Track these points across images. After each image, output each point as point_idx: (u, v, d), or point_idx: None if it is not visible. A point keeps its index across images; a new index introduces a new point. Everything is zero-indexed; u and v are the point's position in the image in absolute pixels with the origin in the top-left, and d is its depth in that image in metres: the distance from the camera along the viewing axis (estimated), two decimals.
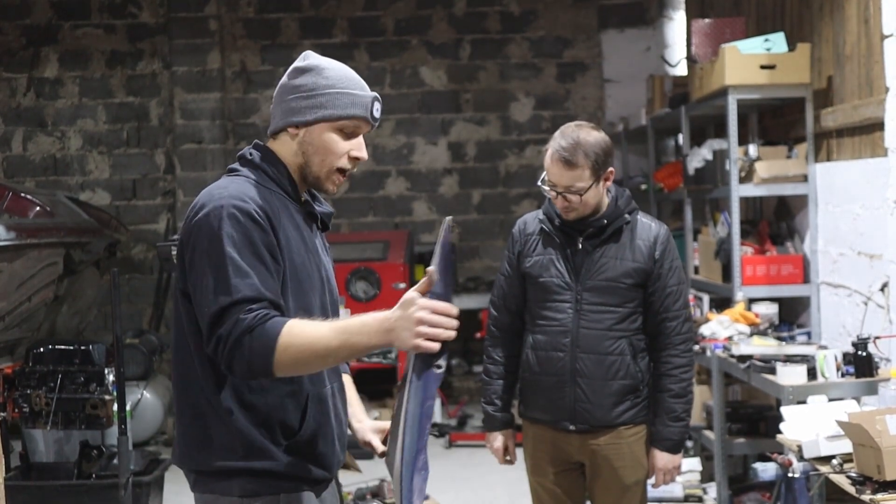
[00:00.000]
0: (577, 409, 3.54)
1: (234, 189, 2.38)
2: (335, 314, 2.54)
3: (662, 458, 3.62)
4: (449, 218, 2.24)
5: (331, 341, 2.21)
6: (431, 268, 2.20)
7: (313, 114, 2.45)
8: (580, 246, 3.56)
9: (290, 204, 2.47)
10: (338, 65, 2.51)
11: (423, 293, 2.19)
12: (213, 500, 2.40)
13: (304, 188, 2.54)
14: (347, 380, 2.75)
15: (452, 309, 2.18)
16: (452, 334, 2.19)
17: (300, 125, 2.46)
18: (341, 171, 2.49)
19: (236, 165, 2.52)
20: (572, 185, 3.44)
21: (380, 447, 2.61)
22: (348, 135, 2.48)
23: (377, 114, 2.49)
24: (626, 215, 3.58)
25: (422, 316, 2.15)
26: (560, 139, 3.46)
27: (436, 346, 2.18)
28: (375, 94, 2.50)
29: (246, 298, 2.26)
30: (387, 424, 2.60)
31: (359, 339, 2.21)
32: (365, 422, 2.69)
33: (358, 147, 2.49)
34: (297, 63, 2.52)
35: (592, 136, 3.47)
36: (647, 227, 3.60)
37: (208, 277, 2.30)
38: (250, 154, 2.51)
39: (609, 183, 3.55)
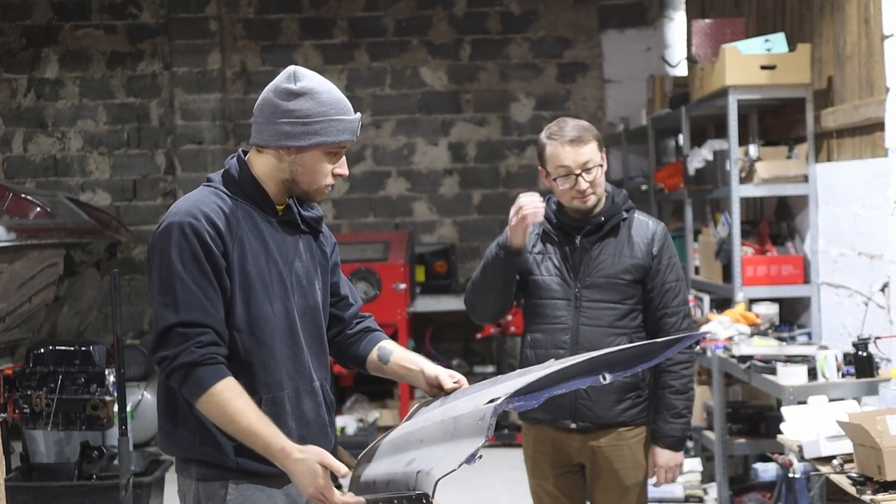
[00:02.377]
0: (579, 406, 3.54)
1: (192, 204, 2.57)
2: (312, 318, 2.70)
3: (664, 456, 3.62)
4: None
5: (242, 428, 2.46)
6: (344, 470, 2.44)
7: (308, 140, 2.58)
8: (578, 243, 3.57)
9: (257, 215, 2.62)
10: (327, 86, 2.63)
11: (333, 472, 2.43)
12: (181, 480, 2.66)
13: (284, 194, 2.68)
14: (389, 343, 2.88)
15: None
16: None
17: (292, 149, 2.59)
18: (327, 185, 2.67)
19: (214, 175, 2.68)
20: (588, 161, 3.47)
21: (448, 384, 2.71)
22: (334, 154, 2.63)
23: (359, 132, 2.67)
24: (624, 212, 3.60)
25: (317, 495, 2.44)
26: (557, 129, 3.51)
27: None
28: (360, 114, 2.66)
29: (192, 322, 2.48)
30: (457, 376, 2.75)
31: (262, 449, 2.47)
32: (436, 366, 2.80)
33: (341, 165, 2.66)
34: (288, 84, 2.60)
35: (579, 120, 3.57)
36: (645, 224, 3.61)
37: (158, 291, 2.51)
38: (228, 165, 2.68)
39: (604, 166, 3.57)
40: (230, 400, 2.45)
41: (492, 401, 2.40)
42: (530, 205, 3.39)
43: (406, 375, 2.81)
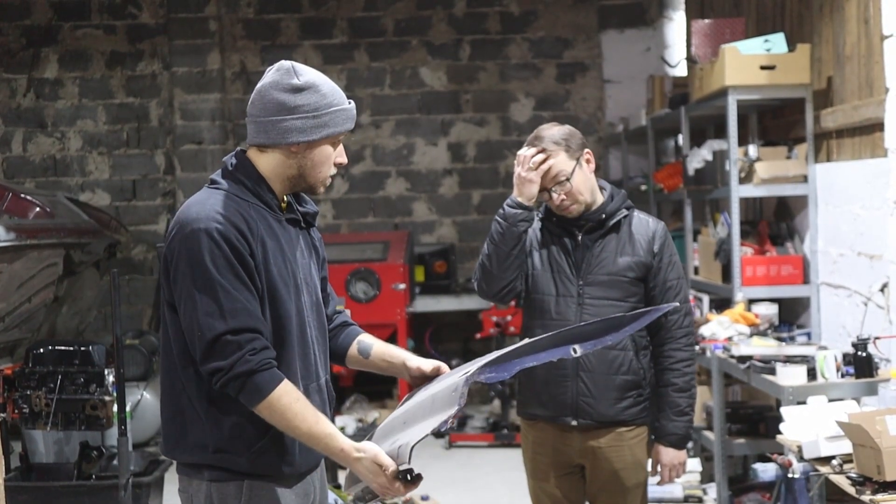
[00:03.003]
0: (580, 403, 3.53)
1: (211, 208, 2.52)
2: (318, 314, 2.71)
3: (668, 454, 3.63)
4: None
5: (302, 432, 2.49)
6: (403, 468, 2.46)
7: (318, 133, 2.59)
8: (580, 240, 3.57)
9: (267, 213, 2.61)
10: (324, 77, 2.65)
11: (392, 475, 2.45)
12: (187, 482, 2.63)
13: (288, 191, 2.68)
14: (367, 337, 2.91)
15: (405, 494, 2.51)
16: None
17: (302, 143, 2.59)
18: (331, 175, 2.68)
19: (217, 177, 2.65)
20: (557, 175, 3.50)
21: (429, 370, 2.76)
22: (336, 144, 2.65)
23: None
24: (624, 210, 3.61)
25: (383, 490, 2.50)
26: (524, 149, 3.59)
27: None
28: (353, 101, 2.69)
29: (241, 329, 2.46)
30: (438, 363, 2.81)
31: (322, 450, 2.52)
32: (417, 357, 2.84)
33: (340, 153, 2.68)
34: (290, 79, 2.61)
35: (551, 127, 3.59)
36: (645, 222, 3.63)
37: (196, 299, 2.46)
38: (231, 165, 2.65)
39: (591, 166, 3.58)
40: (290, 405, 2.47)
41: (465, 374, 2.48)
42: (529, 157, 3.53)
43: (388, 368, 2.85)
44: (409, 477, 2.44)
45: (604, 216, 3.57)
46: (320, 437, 2.48)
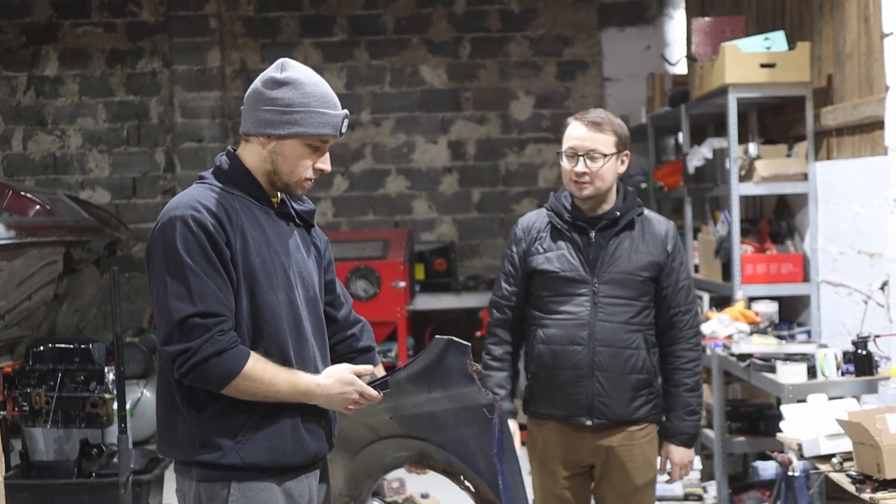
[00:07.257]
0: (595, 403, 3.52)
1: (191, 198, 2.57)
2: (314, 310, 2.72)
3: (678, 453, 3.63)
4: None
5: (281, 388, 2.54)
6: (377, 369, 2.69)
7: (287, 129, 2.60)
8: (593, 238, 3.54)
9: (254, 206, 2.63)
10: (314, 79, 2.64)
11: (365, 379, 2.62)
12: (181, 481, 2.66)
13: (276, 190, 2.70)
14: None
15: (378, 397, 2.64)
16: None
17: (272, 137, 2.61)
18: (307, 178, 2.68)
19: (206, 173, 2.70)
20: (595, 149, 3.45)
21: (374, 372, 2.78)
22: (316, 148, 2.64)
23: (345, 129, 2.68)
24: (637, 208, 3.59)
25: (354, 399, 2.61)
26: (586, 112, 3.53)
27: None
28: (346, 111, 2.66)
29: (209, 313, 2.47)
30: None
31: (302, 396, 2.57)
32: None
33: (323, 160, 2.67)
34: (274, 73, 2.64)
35: (617, 117, 3.56)
36: (657, 221, 3.62)
37: (168, 283, 2.49)
38: (220, 162, 2.69)
39: (623, 168, 3.55)
40: (265, 369, 2.51)
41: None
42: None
43: None
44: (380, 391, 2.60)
45: (618, 213, 3.55)
46: (299, 382, 2.54)
